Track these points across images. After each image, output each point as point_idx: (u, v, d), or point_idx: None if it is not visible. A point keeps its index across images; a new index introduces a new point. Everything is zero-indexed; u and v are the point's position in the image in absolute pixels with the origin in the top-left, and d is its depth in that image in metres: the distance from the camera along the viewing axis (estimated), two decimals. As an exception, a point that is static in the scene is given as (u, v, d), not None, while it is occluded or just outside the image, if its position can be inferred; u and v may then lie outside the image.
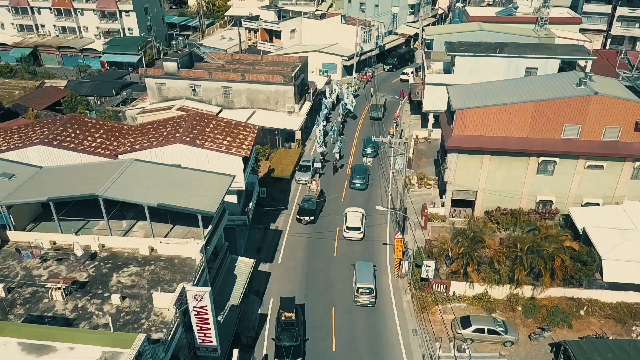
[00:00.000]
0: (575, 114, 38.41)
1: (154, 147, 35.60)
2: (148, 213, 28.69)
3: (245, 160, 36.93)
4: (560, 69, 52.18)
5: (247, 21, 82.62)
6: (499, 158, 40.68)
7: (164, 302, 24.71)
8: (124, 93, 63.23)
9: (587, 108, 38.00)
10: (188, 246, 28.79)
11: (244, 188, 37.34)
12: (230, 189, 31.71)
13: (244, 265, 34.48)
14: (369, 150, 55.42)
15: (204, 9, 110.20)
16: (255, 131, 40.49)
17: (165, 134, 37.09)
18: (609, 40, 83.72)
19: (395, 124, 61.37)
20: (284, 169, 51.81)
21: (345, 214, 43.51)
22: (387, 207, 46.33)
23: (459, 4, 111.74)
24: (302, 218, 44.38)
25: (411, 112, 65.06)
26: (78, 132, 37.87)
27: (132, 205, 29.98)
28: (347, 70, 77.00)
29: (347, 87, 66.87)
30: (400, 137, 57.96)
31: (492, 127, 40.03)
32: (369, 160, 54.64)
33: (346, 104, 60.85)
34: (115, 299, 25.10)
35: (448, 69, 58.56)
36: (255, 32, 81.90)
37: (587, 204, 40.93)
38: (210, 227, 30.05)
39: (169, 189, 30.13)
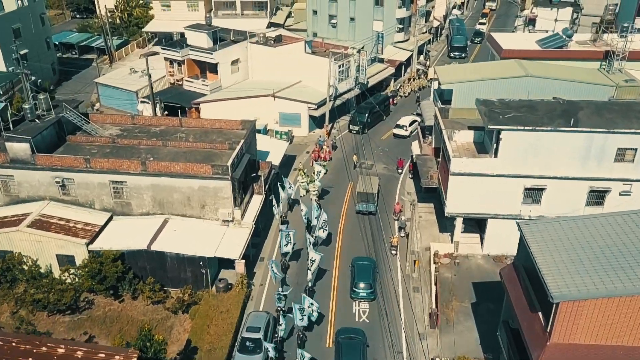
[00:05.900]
0: None
1: None
2: None
3: None
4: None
5: (166, 49, 61.97)
6: (636, 381, 22.45)
7: None
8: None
9: None
10: None
11: None
12: None
13: None
14: (361, 288, 35.78)
15: (118, 20, 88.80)
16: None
17: None
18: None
19: (398, 226, 42.25)
20: (214, 344, 31.76)
21: None
22: None
23: (455, 12, 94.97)
24: None
25: (419, 199, 46.06)
26: None
27: None
28: (317, 122, 57.64)
29: (308, 182, 45.54)
30: (413, 253, 38.89)
31: (628, 329, 21.61)
32: (363, 311, 35.24)
33: (312, 228, 39.55)
34: None
35: (481, 141, 40.30)
36: (179, 64, 61.42)
37: None
38: None
39: None
